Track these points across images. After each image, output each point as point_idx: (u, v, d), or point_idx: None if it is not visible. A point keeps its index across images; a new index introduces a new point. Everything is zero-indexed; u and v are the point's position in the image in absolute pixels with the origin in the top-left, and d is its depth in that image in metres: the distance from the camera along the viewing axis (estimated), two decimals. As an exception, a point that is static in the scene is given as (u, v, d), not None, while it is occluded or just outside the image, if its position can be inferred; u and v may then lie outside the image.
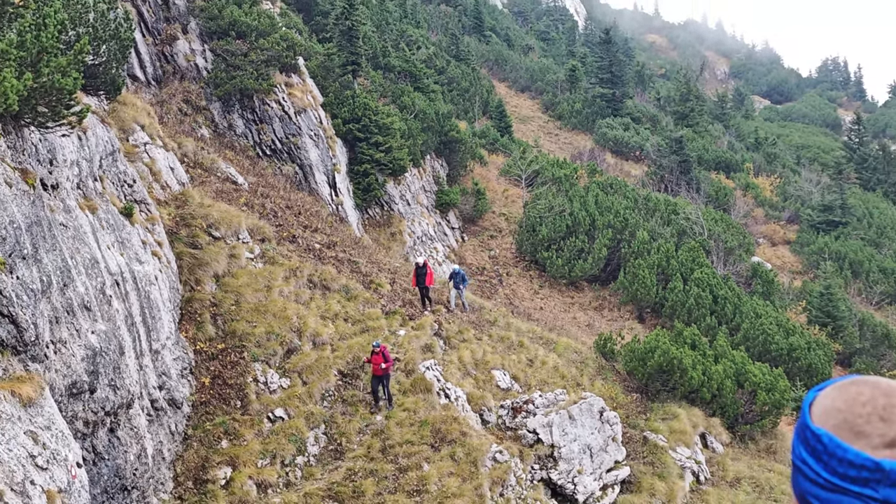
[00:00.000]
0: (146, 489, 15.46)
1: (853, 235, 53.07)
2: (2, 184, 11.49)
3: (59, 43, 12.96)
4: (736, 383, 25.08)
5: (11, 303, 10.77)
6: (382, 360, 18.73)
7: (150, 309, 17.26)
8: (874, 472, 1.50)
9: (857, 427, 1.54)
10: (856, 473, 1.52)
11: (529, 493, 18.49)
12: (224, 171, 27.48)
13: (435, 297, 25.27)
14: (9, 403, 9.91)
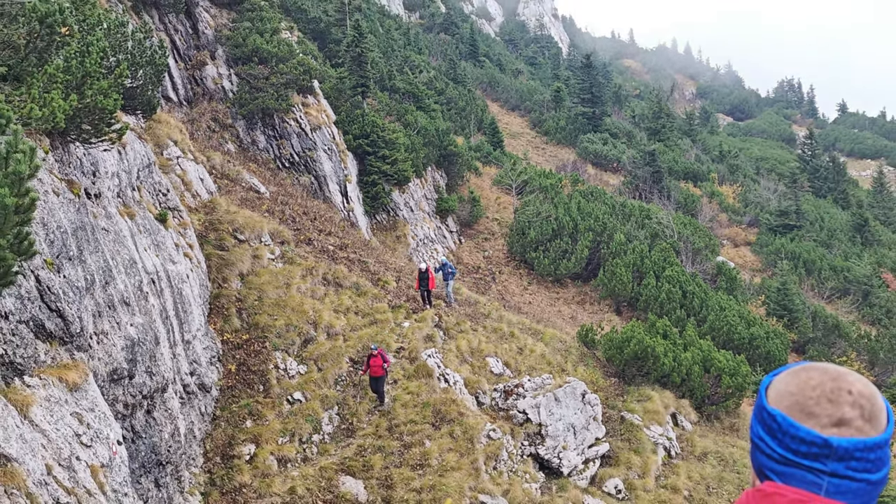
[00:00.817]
0: (179, 464, 15.48)
1: (806, 237, 53.25)
2: (50, 193, 11.51)
3: (101, 68, 12.98)
4: (703, 369, 25.13)
5: (59, 299, 10.79)
6: (381, 360, 18.60)
7: (183, 304, 17.29)
8: (823, 447, 1.53)
9: (807, 408, 1.56)
10: (807, 449, 1.54)
11: (520, 466, 18.51)
12: (248, 182, 27.50)
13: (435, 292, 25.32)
14: (57, 388, 9.94)
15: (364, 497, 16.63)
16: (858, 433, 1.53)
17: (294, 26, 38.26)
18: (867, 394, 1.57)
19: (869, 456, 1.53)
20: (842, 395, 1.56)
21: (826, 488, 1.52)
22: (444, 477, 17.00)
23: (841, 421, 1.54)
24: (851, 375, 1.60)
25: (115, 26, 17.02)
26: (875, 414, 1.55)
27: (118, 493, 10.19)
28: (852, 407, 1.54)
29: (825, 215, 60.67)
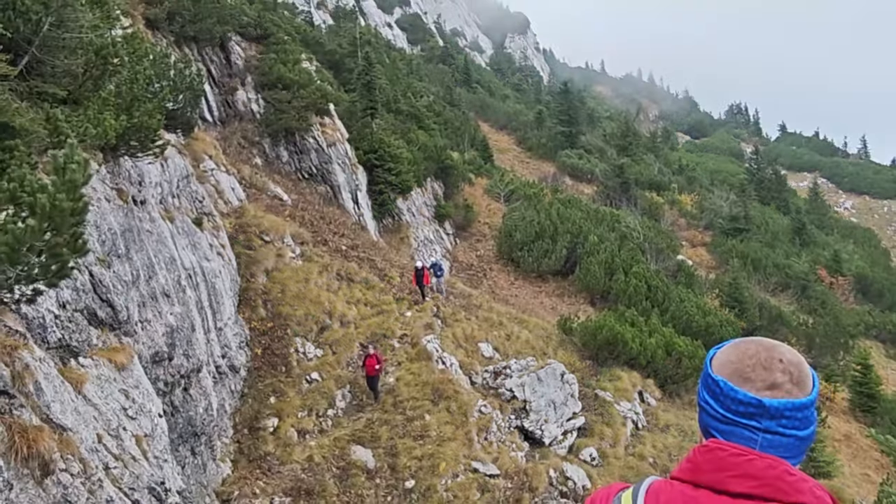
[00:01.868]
0: (212, 435, 15.49)
1: (753, 239, 53.38)
2: (102, 200, 11.53)
3: (147, 93, 13.00)
4: (665, 352, 25.19)
5: (109, 291, 10.81)
6: (376, 361, 18.37)
7: (215, 296, 17.30)
8: (758, 407, 1.55)
9: (745, 374, 1.58)
10: (744, 409, 1.56)
11: (507, 437, 18.52)
12: (272, 191, 27.52)
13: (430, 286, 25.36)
14: (106, 368, 9.95)
15: (372, 464, 16.63)
16: (788, 395, 1.55)
17: (313, 57, 38.24)
18: (795, 362, 1.59)
19: (797, 415, 1.56)
20: (774, 363, 1.58)
21: (761, 443, 1.55)
22: (441, 446, 17.01)
23: (773, 385, 1.56)
24: (782, 347, 1.62)
25: (160, 57, 17.02)
26: (802, 379, 1.58)
27: (159, 460, 10.20)
28: (783, 373, 1.57)
29: (769, 220, 60.89)
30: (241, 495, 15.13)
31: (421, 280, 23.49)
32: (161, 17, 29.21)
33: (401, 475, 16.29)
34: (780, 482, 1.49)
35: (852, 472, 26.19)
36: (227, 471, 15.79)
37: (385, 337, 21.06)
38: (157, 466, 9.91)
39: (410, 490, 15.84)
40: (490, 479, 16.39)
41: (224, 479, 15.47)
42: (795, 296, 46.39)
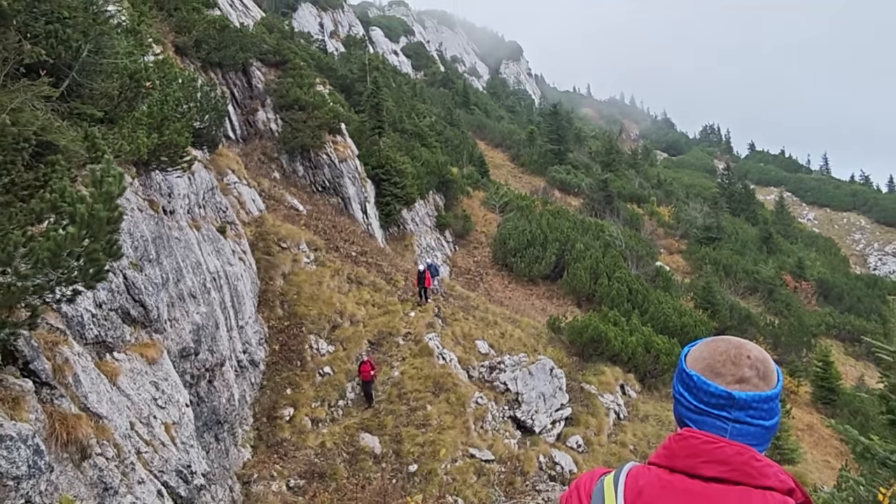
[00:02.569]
0: (234, 423, 15.48)
1: (725, 247, 53.48)
2: (136, 210, 11.55)
3: (176, 113, 13.03)
4: (645, 349, 25.19)
5: (141, 292, 10.82)
6: (370, 368, 18.22)
7: (237, 297, 17.31)
8: (728, 399, 1.56)
9: (716, 369, 1.59)
10: (715, 401, 1.57)
11: (501, 426, 18.52)
12: (289, 202, 27.55)
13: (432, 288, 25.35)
14: (139, 362, 9.95)
15: (379, 449, 16.62)
16: (755, 389, 1.56)
17: (326, 81, 38.35)
18: (762, 358, 1.60)
19: (763, 406, 1.56)
20: (742, 360, 1.59)
21: (730, 432, 1.55)
22: (441, 434, 17.00)
23: (741, 379, 1.57)
24: (750, 345, 1.63)
25: (188, 81, 17.07)
26: (768, 374, 1.59)
27: (186, 445, 10.19)
28: (750, 368, 1.58)
29: (739, 230, 61.00)
30: (260, 477, 15.12)
31: (422, 282, 23.41)
32: (189, 44, 29.30)
33: (405, 460, 16.29)
34: (748, 467, 1.50)
35: (814, 459, 26.17)
36: (248, 455, 15.77)
37: (391, 335, 21.06)
38: (184, 451, 9.90)
39: (413, 473, 15.82)
40: (486, 463, 16.39)
41: (244, 463, 15.46)
42: (763, 298, 46.43)
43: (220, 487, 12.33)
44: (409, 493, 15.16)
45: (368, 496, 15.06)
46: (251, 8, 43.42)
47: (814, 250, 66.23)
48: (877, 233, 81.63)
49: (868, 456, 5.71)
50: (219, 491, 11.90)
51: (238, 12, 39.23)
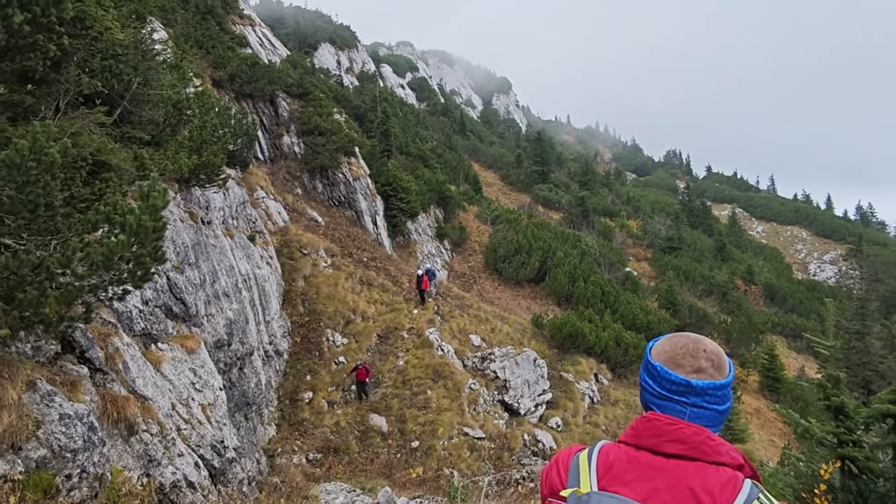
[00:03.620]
0: (261, 405, 15.44)
1: (685, 255, 53.46)
2: (178, 220, 11.56)
3: (213, 137, 13.05)
4: (615, 343, 25.15)
5: (182, 291, 10.81)
6: (365, 372, 17.73)
7: (265, 296, 17.30)
8: (687, 387, 1.57)
9: (677, 361, 1.60)
10: (676, 388, 1.58)
11: (491, 408, 18.48)
12: (310, 215, 27.55)
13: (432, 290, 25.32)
14: (179, 351, 9.94)
15: (386, 428, 16.59)
16: (710, 377, 1.57)
17: (342, 111, 38.41)
18: (716, 352, 1.61)
19: (717, 393, 1.57)
20: (699, 353, 1.60)
21: (688, 415, 1.56)
22: (440, 415, 16.98)
23: (698, 369, 1.58)
24: (706, 340, 1.64)
25: (223, 110, 17.12)
26: (721, 365, 1.60)
27: (220, 423, 10.16)
28: (706, 360, 1.59)
29: (697, 241, 61.02)
30: (283, 451, 15.08)
31: (420, 285, 23.21)
32: (224, 78, 29.39)
33: (408, 437, 16.25)
34: (704, 445, 1.50)
35: (761, 439, 26.15)
36: (273, 432, 15.73)
37: (396, 329, 21.03)
38: (217, 428, 9.87)
39: (415, 449, 15.79)
40: (478, 440, 16.35)
41: (270, 439, 15.42)
42: (717, 300, 46.44)
43: (248, 460, 12.30)
44: (411, 465, 15.12)
45: (376, 468, 15.03)
46: (278, 47, 43.52)
47: (761, 259, 66.28)
48: (816, 244, 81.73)
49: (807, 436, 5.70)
50: (247, 463, 11.87)
51: (266, 51, 39.34)
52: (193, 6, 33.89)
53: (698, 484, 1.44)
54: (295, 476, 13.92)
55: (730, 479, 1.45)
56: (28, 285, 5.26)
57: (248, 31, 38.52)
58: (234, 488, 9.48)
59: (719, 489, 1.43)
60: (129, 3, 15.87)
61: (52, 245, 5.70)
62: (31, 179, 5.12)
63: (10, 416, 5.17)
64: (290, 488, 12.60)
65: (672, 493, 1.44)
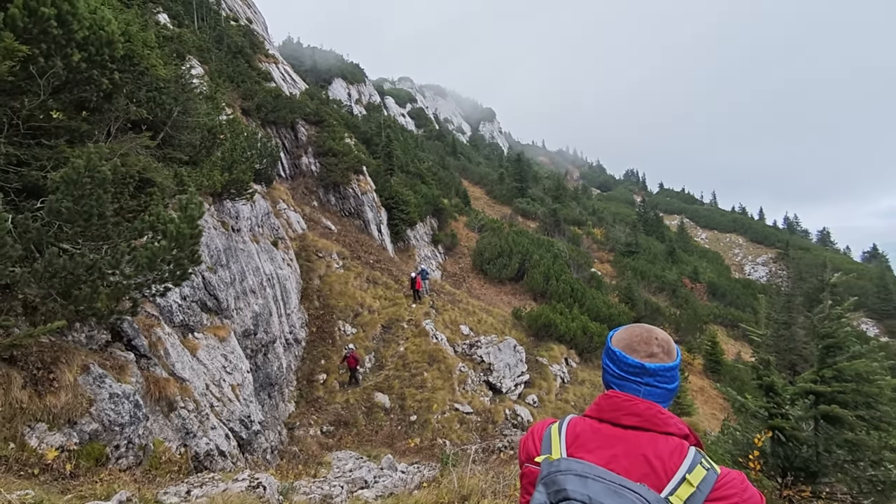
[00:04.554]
0: (282, 385, 15.35)
1: (641, 258, 53.71)
2: (211, 228, 11.48)
3: (242, 158, 12.99)
4: (583, 332, 25.18)
5: (216, 289, 10.74)
6: (354, 360, 17.26)
7: (285, 293, 17.21)
8: (641, 369, 1.57)
9: (633, 347, 1.61)
10: (632, 370, 1.58)
11: (478, 388, 18.44)
12: (324, 223, 27.46)
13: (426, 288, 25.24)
14: (212, 339, 9.86)
15: (388, 404, 16.52)
16: (661, 361, 1.58)
17: (352, 135, 38.34)
18: (666, 339, 1.62)
19: (667, 374, 1.58)
20: (652, 340, 1.61)
21: (643, 393, 1.57)
22: (434, 393, 16.92)
23: (651, 354, 1.59)
24: (657, 330, 1.65)
25: (251, 134, 17.04)
26: (670, 351, 1.60)
27: (247, 401, 10.09)
28: (658, 346, 1.59)
29: (651, 246, 61.28)
30: (301, 425, 14.97)
31: (413, 286, 22.83)
32: (252, 107, 29.28)
33: (407, 412, 16.19)
34: (655, 418, 1.51)
35: (704, 413, 26.25)
36: (292, 408, 15.63)
37: (397, 321, 20.97)
38: (245, 405, 9.80)
39: (414, 422, 15.73)
40: (466, 415, 16.32)
41: (290, 414, 15.32)
42: (668, 296, 46.66)
43: (271, 432, 12.22)
44: (410, 436, 15.07)
45: (380, 438, 14.96)
46: (298, 81, 43.43)
47: (705, 261, 66.65)
48: (750, 248, 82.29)
49: (743, 410, 5.72)
50: (270, 435, 11.79)
51: (288, 84, 39.24)
52: (226, 47, 33.78)
53: (650, 451, 1.45)
54: (311, 445, 13.85)
55: (677, 447, 1.46)
56: (83, 283, 5.21)
57: (272, 68, 38.42)
58: (259, 456, 9.41)
59: (668, 455, 1.43)
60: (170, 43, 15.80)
61: (104, 249, 5.66)
62: (86, 193, 5.08)
63: (66, 396, 5.12)
64: (307, 456, 12.53)
65: (629, 458, 1.44)
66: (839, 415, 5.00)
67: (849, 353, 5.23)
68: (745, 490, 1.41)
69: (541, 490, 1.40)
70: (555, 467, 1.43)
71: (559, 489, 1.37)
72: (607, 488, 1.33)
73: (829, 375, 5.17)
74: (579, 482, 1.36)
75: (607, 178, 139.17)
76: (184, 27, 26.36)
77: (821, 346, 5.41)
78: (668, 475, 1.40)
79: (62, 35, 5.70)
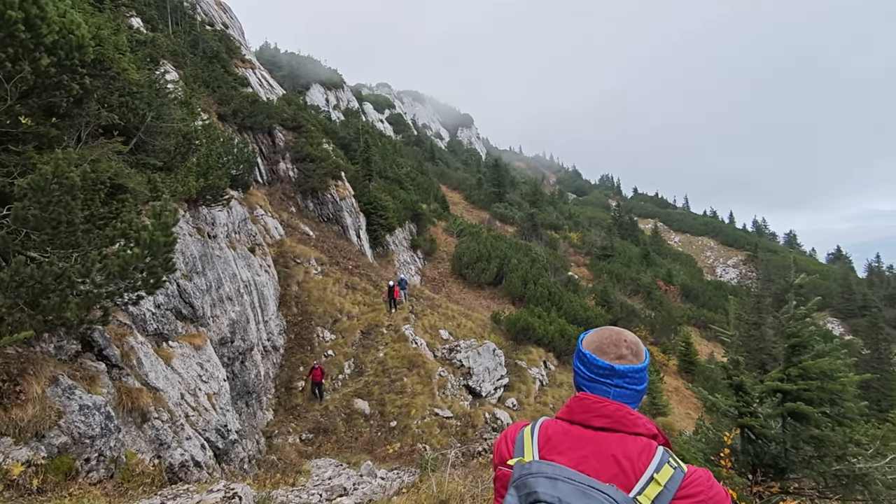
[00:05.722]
0: (260, 393, 15.10)
1: (616, 261, 54.33)
2: (187, 235, 11.27)
3: (218, 163, 12.80)
4: (560, 335, 25.38)
5: (191, 296, 10.53)
6: (320, 373, 16.45)
7: (263, 299, 16.96)
8: (611, 371, 1.59)
9: (603, 349, 1.63)
10: (602, 372, 1.61)
11: (458, 392, 18.43)
12: (302, 229, 27.17)
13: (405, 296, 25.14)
14: (188, 348, 9.66)
15: (368, 410, 16.38)
16: (630, 363, 1.60)
17: (330, 141, 38.07)
18: (635, 342, 1.65)
19: (636, 375, 1.60)
20: (621, 343, 1.63)
21: (612, 394, 1.59)
22: (414, 398, 16.85)
23: (620, 356, 1.61)
24: (626, 332, 1.68)
25: (227, 140, 16.79)
26: (639, 353, 1.63)
27: (223, 410, 9.90)
28: (626, 349, 1.62)
29: (626, 249, 62.09)
30: (280, 433, 14.75)
31: (391, 294, 22.33)
32: (228, 113, 28.89)
33: (387, 418, 16.08)
34: (624, 419, 1.53)
35: (679, 412, 26.68)
36: (270, 416, 15.39)
37: (377, 326, 20.84)
38: (221, 414, 9.61)
39: (394, 428, 15.63)
40: (446, 419, 16.28)
41: (268, 422, 15.08)
42: (643, 298, 47.30)
43: (249, 441, 12.00)
44: (390, 442, 14.96)
45: (360, 445, 14.82)
46: (275, 87, 43.02)
47: (678, 263, 67.87)
48: (721, 251, 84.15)
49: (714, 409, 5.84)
50: (248, 444, 11.57)
51: (265, 90, 38.83)
52: (201, 51, 33.28)
53: (620, 451, 1.47)
54: (290, 454, 13.64)
55: (645, 447, 1.48)
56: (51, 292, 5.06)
57: (249, 73, 37.98)
58: (236, 466, 9.23)
59: (637, 455, 1.46)
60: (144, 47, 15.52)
61: (73, 257, 5.51)
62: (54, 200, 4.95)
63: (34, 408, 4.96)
64: (285, 464, 12.33)
65: (598, 459, 1.46)
66: (805, 412, 5.14)
67: (813, 351, 5.38)
68: (712, 487, 1.44)
69: (512, 493, 1.41)
70: (526, 470, 1.44)
71: (530, 492, 1.38)
72: (576, 489, 1.35)
73: (794, 374, 5.32)
74: (549, 484, 1.37)
75: (583, 183, 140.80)
76: (158, 31, 25.89)
77: (787, 346, 5.56)
78: (636, 475, 1.42)
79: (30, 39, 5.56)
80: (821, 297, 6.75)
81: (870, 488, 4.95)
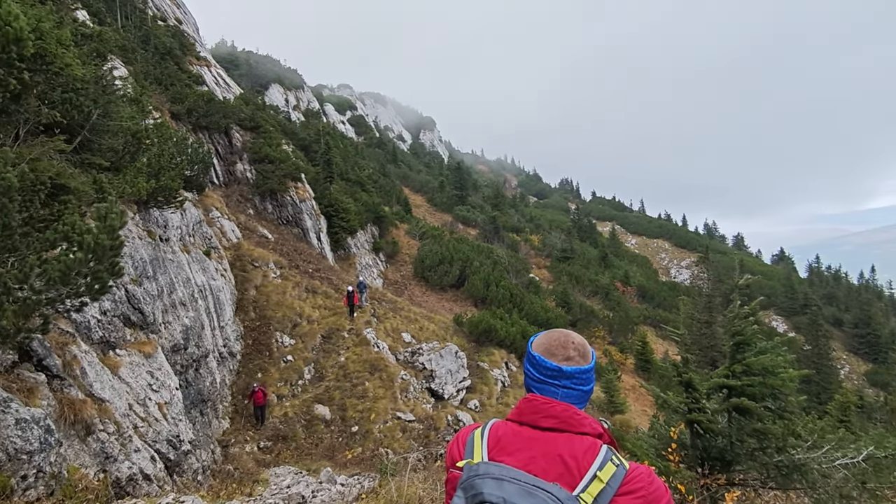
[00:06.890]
0: (216, 401, 14.64)
1: (576, 263, 55.38)
2: (136, 238, 10.83)
3: (171, 164, 12.36)
4: (522, 336, 25.65)
5: (140, 302, 10.12)
6: (262, 396, 15.23)
7: (219, 305, 16.46)
8: (559, 372, 1.63)
9: (551, 351, 1.66)
10: (550, 373, 1.64)
11: (420, 395, 18.38)
12: (260, 232, 26.54)
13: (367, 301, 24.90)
14: (137, 356, 9.27)
15: (329, 416, 16.13)
16: (577, 364, 1.64)
17: (290, 142, 37.34)
18: (582, 343, 1.69)
19: (583, 376, 1.64)
20: (569, 345, 1.67)
21: (560, 395, 1.62)
22: (376, 403, 16.71)
23: (568, 358, 1.64)
24: (574, 334, 1.71)
25: (181, 140, 16.21)
26: (586, 354, 1.67)
27: (175, 420, 9.54)
28: (574, 350, 1.65)
29: (585, 251, 63.44)
30: (236, 441, 14.34)
31: (351, 300, 21.62)
32: (182, 112, 27.95)
33: (348, 423, 15.88)
34: (571, 419, 1.56)
35: (636, 410, 27.43)
36: (227, 425, 14.93)
37: (338, 330, 20.55)
38: (173, 424, 9.26)
39: (355, 433, 15.45)
40: (408, 423, 16.21)
41: (224, 431, 14.63)
42: (602, 299, 48.35)
43: (203, 451, 11.59)
44: (351, 447, 14.78)
45: (321, 451, 14.58)
46: (232, 86, 41.87)
47: (635, 265, 69.76)
48: (675, 253, 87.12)
49: (666, 406, 6.05)
50: (202, 454, 11.17)
51: (221, 89, 37.76)
52: (153, 47, 32.07)
53: (566, 451, 1.50)
54: (247, 463, 13.26)
55: (591, 446, 1.52)
56: (-16, 300, 4.77)
57: (204, 71, 36.83)
58: (189, 477, 8.90)
59: (582, 454, 1.49)
60: (90, 42, 14.83)
61: (10, 262, 5.20)
62: (-12, 202, 4.67)
63: (-36, 423, 4.66)
64: (242, 473, 11.99)
65: (546, 459, 1.49)
66: (748, 406, 5.39)
67: (756, 349, 5.66)
68: (652, 483, 1.49)
69: (459, 494, 1.42)
70: (473, 471, 1.46)
71: (476, 493, 1.39)
72: (521, 489, 1.37)
73: (739, 370, 5.57)
74: (495, 485, 1.39)
75: (543, 187, 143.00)
76: (105, 25, 24.77)
77: (731, 343, 5.82)
78: (581, 473, 1.46)
79: (-40, 30, 5.23)
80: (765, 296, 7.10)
81: (807, 477, 5.24)
